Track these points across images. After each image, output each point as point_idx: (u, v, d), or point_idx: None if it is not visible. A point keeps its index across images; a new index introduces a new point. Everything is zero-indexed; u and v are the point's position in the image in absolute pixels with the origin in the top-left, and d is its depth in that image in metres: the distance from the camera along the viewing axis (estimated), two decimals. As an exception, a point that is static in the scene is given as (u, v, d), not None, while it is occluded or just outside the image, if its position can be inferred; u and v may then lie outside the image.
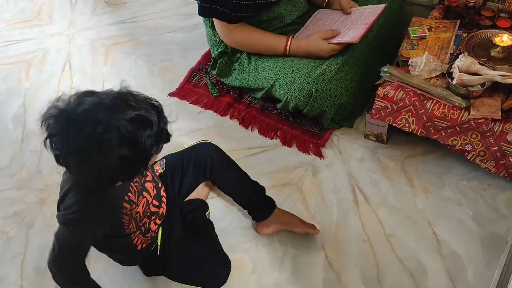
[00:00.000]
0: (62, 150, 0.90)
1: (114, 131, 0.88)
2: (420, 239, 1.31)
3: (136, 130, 0.90)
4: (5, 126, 1.73)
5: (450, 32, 1.51)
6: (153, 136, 0.93)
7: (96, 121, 0.88)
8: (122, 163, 0.91)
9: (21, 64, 1.97)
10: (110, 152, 0.89)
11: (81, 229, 1.03)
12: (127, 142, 0.90)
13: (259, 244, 1.34)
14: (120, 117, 0.89)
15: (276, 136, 1.61)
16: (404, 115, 1.39)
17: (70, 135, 0.88)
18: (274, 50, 1.55)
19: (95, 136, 0.88)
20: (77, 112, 0.89)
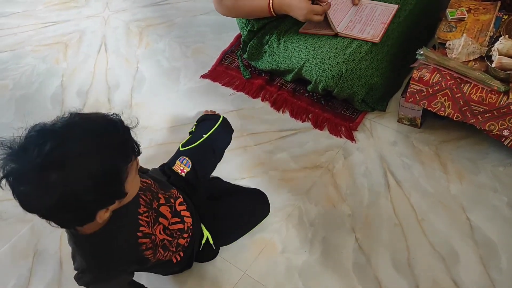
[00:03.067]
0: (16, 187, 0.78)
1: (67, 145, 0.78)
2: (453, 225, 1.29)
3: (90, 142, 0.80)
4: (44, 106, 1.79)
5: (490, 14, 1.46)
6: (114, 147, 0.82)
7: (43, 141, 0.77)
8: (89, 185, 0.79)
9: (59, 45, 2.02)
10: (67, 170, 0.77)
11: (107, 283, 0.99)
12: (83, 155, 0.79)
13: (289, 225, 1.35)
14: (71, 133, 0.79)
15: (307, 118, 1.60)
16: (439, 99, 1.37)
17: (20, 165, 0.77)
18: (261, 11, 1.54)
19: (44, 154, 0.76)
20: (22, 142, 0.79)
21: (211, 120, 1.36)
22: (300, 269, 1.26)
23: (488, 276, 1.20)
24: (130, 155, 0.85)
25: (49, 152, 0.76)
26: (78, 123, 0.81)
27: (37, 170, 0.76)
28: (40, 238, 1.41)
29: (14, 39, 2.07)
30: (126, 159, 0.84)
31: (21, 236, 1.42)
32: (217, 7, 1.61)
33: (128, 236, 0.97)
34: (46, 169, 0.76)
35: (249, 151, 1.54)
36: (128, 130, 0.85)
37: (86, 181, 0.78)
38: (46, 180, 0.76)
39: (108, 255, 0.95)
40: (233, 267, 1.28)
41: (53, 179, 0.76)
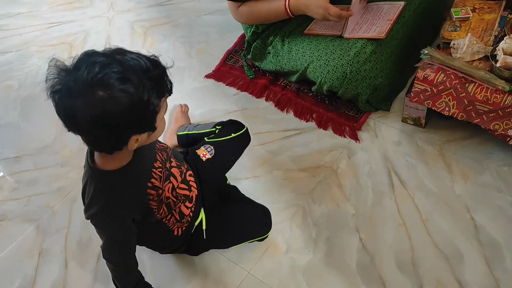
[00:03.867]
0: (65, 100, 0.87)
1: (113, 67, 0.85)
2: (457, 225, 1.29)
3: (133, 69, 0.87)
4: (49, 106, 1.78)
5: (495, 13, 1.46)
6: (152, 79, 0.89)
7: (93, 62, 0.86)
8: (128, 106, 0.86)
9: (64, 45, 2.03)
10: (112, 90, 0.85)
11: (109, 220, 1.03)
12: (126, 79, 0.86)
13: (293, 225, 1.35)
14: (118, 58, 0.88)
15: (311, 118, 1.60)
16: (444, 98, 1.36)
17: (70, 81, 0.86)
18: (278, 14, 1.54)
19: (93, 73, 0.84)
20: (75, 63, 0.88)
21: (237, 125, 1.39)
22: (304, 269, 1.26)
23: (493, 276, 1.19)
24: (165, 91, 0.93)
25: (97, 72, 0.85)
26: (123, 53, 0.90)
27: (86, 85, 0.85)
28: (46, 237, 1.42)
29: (19, 40, 2.08)
30: (162, 93, 0.92)
31: (27, 235, 1.43)
32: (234, 16, 1.61)
33: (140, 182, 1.04)
34: (93, 86, 0.85)
35: (253, 150, 1.54)
36: (165, 69, 0.94)
37: (126, 102, 0.86)
38: (93, 95, 0.85)
39: (118, 193, 1.01)
40: (237, 266, 1.29)
41: (99, 96, 0.85)
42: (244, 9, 1.56)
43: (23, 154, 1.65)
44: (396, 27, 1.53)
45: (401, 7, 1.54)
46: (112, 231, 1.06)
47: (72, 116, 0.88)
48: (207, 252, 1.31)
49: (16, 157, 1.64)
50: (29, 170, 1.60)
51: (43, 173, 1.59)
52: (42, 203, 1.50)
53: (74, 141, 1.65)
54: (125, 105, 0.86)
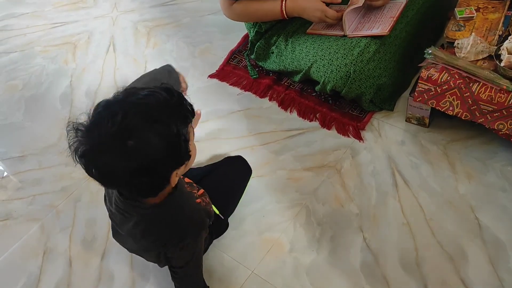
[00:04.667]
0: (96, 159, 0.84)
1: (133, 111, 0.84)
2: (461, 224, 1.29)
3: (153, 106, 0.86)
4: (53, 105, 1.80)
5: (499, 12, 1.45)
6: (174, 109, 0.88)
7: (112, 113, 0.83)
8: (162, 146, 0.85)
9: (68, 45, 2.04)
10: (142, 134, 0.83)
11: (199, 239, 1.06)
12: (151, 119, 0.84)
13: (297, 224, 1.35)
14: (133, 101, 0.86)
15: (315, 118, 1.60)
16: (448, 98, 1.36)
17: (95, 139, 0.83)
18: (273, 15, 1.54)
19: (118, 124, 0.82)
20: (92, 119, 0.86)
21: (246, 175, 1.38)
22: (308, 268, 1.26)
23: (497, 276, 1.19)
24: (188, 117, 0.91)
25: (121, 121, 0.82)
26: (135, 93, 0.87)
27: (115, 138, 0.82)
28: (50, 236, 1.42)
29: (23, 40, 2.09)
30: (186, 119, 0.90)
31: (31, 234, 1.43)
32: (225, 12, 1.61)
33: (191, 196, 1.06)
34: (122, 137, 0.82)
35: (256, 150, 1.54)
36: (181, 94, 0.92)
37: (158, 142, 0.84)
38: (125, 146, 0.82)
39: (191, 213, 1.02)
40: (241, 266, 1.29)
41: (131, 145, 0.82)
42: (238, 6, 1.56)
43: (28, 154, 1.66)
44: (400, 26, 1.53)
45: (403, 4, 1.54)
46: (199, 248, 1.08)
47: (109, 173, 0.85)
48: (211, 252, 1.32)
49: (20, 157, 1.65)
50: (33, 169, 1.61)
51: (47, 172, 1.59)
52: (47, 203, 1.51)
53: (78, 140, 1.67)
54: (159, 146, 0.84)
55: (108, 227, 1.42)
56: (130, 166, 0.83)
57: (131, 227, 1.02)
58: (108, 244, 1.38)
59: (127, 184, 0.88)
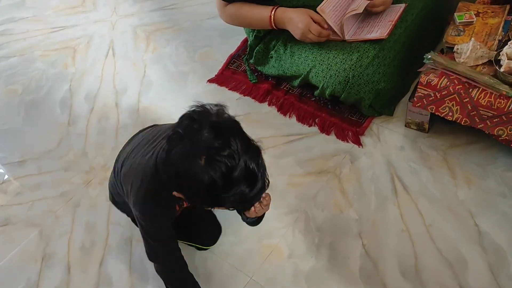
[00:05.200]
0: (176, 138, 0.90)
1: (234, 161, 0.86)
2: (461, 230, 1.28)
3: (242, 178, 0.87)
4: (53, 110, 1.80)
5: (499, 17, 1.45)
6: (243, 195, 0.89)
7: (229, 143, 0.87)
8: (205, 187, 0.87)
9: (67, 50, 2.04)
10: (212, 170, 0.86)
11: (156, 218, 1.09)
12: (228, 178, 0.86)
13: (296, 230, 1.35)
14: (247, 159, 0.88)
15: (314, 123, 1.60)
16: (447, 103, 1.36)
17: (203, 133, 0.87)
18: (262, 22, 1.53)
19: (218, 150, 0.86)
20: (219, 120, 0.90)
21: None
22: (306, 274, 1.26)
23: (497, 283, 1.18)
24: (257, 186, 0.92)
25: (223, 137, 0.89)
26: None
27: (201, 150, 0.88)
28: (49, 242, 1.42)
29: (23, 44, 2.09)
30: (252, 184, 0.92)
31: (30, 240, 1.43)
32: (220, 15, 1.61)
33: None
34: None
35: (256, 155, 1.54)
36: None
37: (212, 176, 0.87)
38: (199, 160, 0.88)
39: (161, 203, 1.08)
40: (239, 272, 1.28)
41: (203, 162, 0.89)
42: (231, 10, 1.56)
43: (27, 159, 1.66)
44: (399, 31, 1.52)
45: (402, 8, 1.53)
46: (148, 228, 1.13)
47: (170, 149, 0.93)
48: (210, 258, 1.31)
49: (20, 162, 1.65)
50: (33, 174, 1.61)
51: (46, 177, 1.59)
52: (46, 208, 1.51)
53: (78, 145, 1.67)
54: (205, 186, 0.88)
55: (107, 232, 1.42)
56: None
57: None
58: (107, 249, 1.38)
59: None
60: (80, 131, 1.72)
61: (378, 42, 1.49)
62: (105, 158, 1.61)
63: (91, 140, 1.68)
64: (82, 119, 1.75)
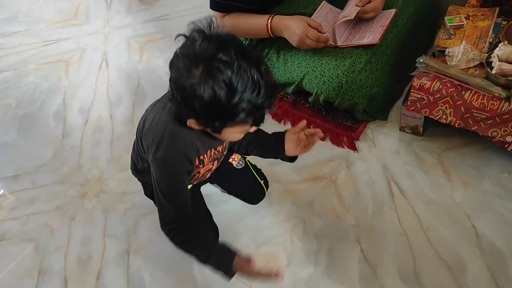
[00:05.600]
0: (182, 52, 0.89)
1: (231, 68, 0.84)
2: (458, 233, 1.28)
3: (244, 84, 0.84)
4: (46, 124, 1.80)
5: (488, 20, 1.46)
6: (251, 103, 0.86)
7: (225, 50, 0.84)
8: (209, 101, 0.85)
9: (60, 63, 2.04)
10: (210, 80, 0.84)
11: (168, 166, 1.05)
12: (229, 85, 0.84)
13: (294, 238, 1.34)
14: (245, 65, 0.85)
15: (309, 129, 1.60)
16: (441, 106, 1.36)
17: (196, 44, 0.86)
18: (259, 31, 1.54)
19: (214, 56, 0.84)
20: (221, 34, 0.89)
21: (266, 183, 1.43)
22: (306, 281, 1.25)
23: (496, 285, 1.18)
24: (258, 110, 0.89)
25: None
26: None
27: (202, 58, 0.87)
28: (45, 256, 1.41)
29: (16, 58, 2.09)
30: (254, 109, 0.88)
31: (26, 255, 1.42)
32: (218, 26, 1.62)
33: (191, 146, 1.05)
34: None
35: (251, 163, 1.54)
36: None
37: (214, 90, 0.85)
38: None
39: (171, 143, 1.03)
40: (238, 281, 1.27)
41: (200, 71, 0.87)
42: (228, 20, 1.57)
43: (22, 173, 1.64)
44: (390, 36, 1.53)
45: (392, 13, 1.54)
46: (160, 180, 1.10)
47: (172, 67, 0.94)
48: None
49: (14, 176, 1.64)
50: (27, 188, 1.60)
51: (41, 191, 1.58)
52: (41, 222, 1.49)
53: (72, 158, 1.66)
54: (208, 101, 0.86)
55: (104, 245, 1.41)
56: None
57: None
58: (104, 262, 1.37)
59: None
60: (74, 143, 1.71)
61: (370, 47, 1.49)
62: (100, 170, 1.60)
63: (86, 152, 1.67)
64: (76, 132, 1.74)
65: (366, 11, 1.51)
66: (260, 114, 0.91)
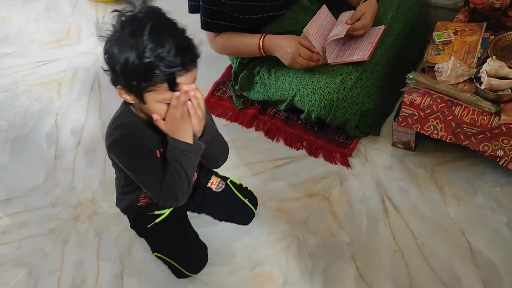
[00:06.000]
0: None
1: (144, 29, 0.95)
2: (453, 248, 1.28)
3: (155, 42, 0.94)
4: (39, 145, 1.79)
5: (476, 35, 1.48)
6: (161, 59, 0.95)
7: (143, 16, 0.98)
8: (123, 60, 0.97)
9: (52, 84, 2.03)
10: (125, 41, 0.96)
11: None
12: (141, 43, 0.95)
13: (289, 257, 1.34)
14: (159, 26, 0.96)
15: (302, 146, 1.61)
16: (432, 122, 1.37)
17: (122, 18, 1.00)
18: (251, 50, 1.56)
19: (131, 21, 0.98)
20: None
21: (255, 203, 1.44)
22: (301, 301, 1.25)
23: (492, 300, 1.18)
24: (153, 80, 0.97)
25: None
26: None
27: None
28: (38, 281, 1.39)
29: (7, 80, 2.08)
30: (172, 65, 0.96)
31: (19, 280, 1.40)
32: (211, 45, 1.63)
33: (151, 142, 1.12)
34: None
35: (245, 181, 1.52)
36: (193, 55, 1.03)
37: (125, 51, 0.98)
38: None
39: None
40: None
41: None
42: (220, 40, 1.58)
43: (14, 196, 1.63)
44: (380, 52, 1.54)
45: (381, 30, 1.56)
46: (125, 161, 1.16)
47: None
48: (204, 285, 1.29)
49: (6, 200, 1.63)
50: (20, 212, 1.58)
51: (34, 214, 1.57)
52: (34, 246, 1.48)
53: (65, 180, 1.65)
54: (125, 63, 0.97)
55: (98, 268, 1.40)
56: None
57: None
58: (98, 286, 1.36)
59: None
60: (67, 165, 1.70)
61: (360, 64, 1.50)
62: (93, 192, 1.60)
63: (78, 174, 1.66)
64: (68, 153, 1.73)
65: (356, 29, 1.52)
66: (171, 73, 0.96)
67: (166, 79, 0.96)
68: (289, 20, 1.58)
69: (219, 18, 1.51)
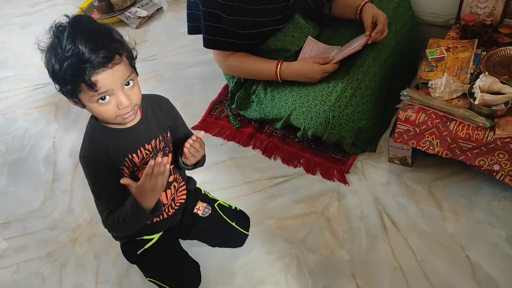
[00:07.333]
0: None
1: (63, 34, 0.97)
2: (453, 265, 1.28)
3: (72, 42, 0.96)
4: (36, 168, 1.79)
5: (468, 51, 1.50)
6: (78, 57, 0.96)
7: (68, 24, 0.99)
8: (47, 63, 1.02)
9: (50, 106, 2.05)
10: (50, 46, 1.00)
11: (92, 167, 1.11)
12: (60, 45, 0.97)
13: (289, 276, 1.33)
14: (77, 29, 0.98)
15: (299, 164, 1.61)
16: (427, 137, 1.38)
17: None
18: (267, 75, 1.59)
19: (57, 29, 0.99)
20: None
21: (246, 223, 1.41)
22: (302, 321, 1.24)
23: (494, 316, 1.17)
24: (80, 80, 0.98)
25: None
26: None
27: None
28: (36, 306, 1.38)
29: (5, 104, 2.10)
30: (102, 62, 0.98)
31: (16, 305, 1.39)
32: (220, 65, 1.65)
33: (120, 147, 1.12)
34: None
35: (243, 200, 1.53)
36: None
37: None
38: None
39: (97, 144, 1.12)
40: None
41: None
42: (232, 62, 1.60)
43: (11, 220, 1.63)
44: (373, 69, 1.56)
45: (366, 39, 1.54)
46: (99, 179, 1.15)
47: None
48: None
49: (4, 223, 1.62)
50: (17, 236, 1.58)
51: (31, 238, 1.56)
52: (32, 270, 1.47)
53: (63, 202, 1.65)
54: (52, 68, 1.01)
55: (96, 291, 1.39)
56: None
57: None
58: (96, 310, 1.35)
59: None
60: (65, 187, 1.70)
61: (354, 82, 1.51)
62: (91, 214, 1.59)
63: (76, 196, 1.66)
64: (66, 176, 1.73)
65: (378, 32, 1.52)
66: (82, 72, 0.96)
67: (81, 78, 0.97)
68: (285, 37, 1.60)
69: (220, 35, 1.53)
